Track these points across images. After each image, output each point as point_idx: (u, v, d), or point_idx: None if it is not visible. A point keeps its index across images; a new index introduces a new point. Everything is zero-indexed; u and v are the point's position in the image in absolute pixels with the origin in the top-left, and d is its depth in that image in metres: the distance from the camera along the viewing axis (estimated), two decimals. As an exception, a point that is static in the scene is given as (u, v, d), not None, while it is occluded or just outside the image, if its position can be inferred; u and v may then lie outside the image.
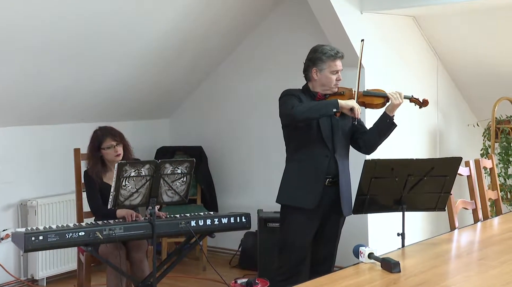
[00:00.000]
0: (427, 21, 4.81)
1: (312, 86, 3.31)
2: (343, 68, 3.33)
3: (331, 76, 3.25)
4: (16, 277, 4.51)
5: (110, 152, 3.68)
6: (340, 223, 3.35)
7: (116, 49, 4.35)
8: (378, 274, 2.42)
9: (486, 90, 5.02)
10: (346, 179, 3.30)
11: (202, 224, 3.53)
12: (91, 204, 3.70)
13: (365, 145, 3.34)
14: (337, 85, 3.29)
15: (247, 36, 5.13)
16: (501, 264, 2.56)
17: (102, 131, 3.74)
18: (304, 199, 3.22)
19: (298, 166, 3.29)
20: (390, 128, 3.30)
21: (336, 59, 3.26)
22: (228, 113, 5.36)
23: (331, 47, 3.30)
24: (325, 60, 3.25)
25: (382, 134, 3.31)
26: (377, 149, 3.38)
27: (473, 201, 3.59)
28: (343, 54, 3.31)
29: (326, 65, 3.25)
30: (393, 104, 3.22)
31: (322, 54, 3.26)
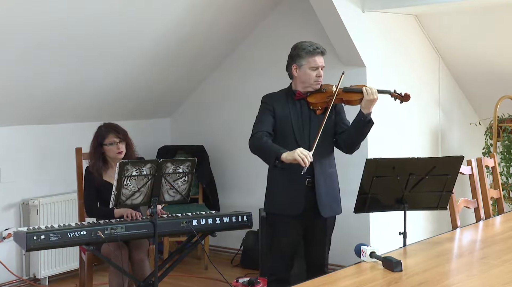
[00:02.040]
0: (429, 19, 4.80)
1: (294, 84, 3.28)
2: (345, 67, 3.32)
3: (310, 73, 3.19)
4: (18, 276, 4.52)
5: (112, 148, 3.67)
6: (327, 224, 3.26)
7: (117, 48, 4.35)
8: (379, 273, 2.42)
9: (488, 89, 5.01)
10: (326, 179, 3.21)
11: (204, 223, 3.53)
12: (86, 204, 3.70)
13: (344, 144, 3.25)
14: (318, 82, 3.22)
15: (248, 35, 5.12)
16: (503, 263, 2.56)
17: (106, 127, 3.73)
18: (287, 205, 3.19)
19: (277, 171, 3.22)
20: (367, 126, 3.18)
21: (314, 55, 3.19)
22: (230, 112, 5.35)
23: (311, 43, 3.24)
24: (304, 56, 3.20)
25: (360, 133, 3.21)
26: (357, 148, 3.27)
27: (475, 199, 3.58)
28: (324, 50, 3.24)
29: (305, 61, 3.20)
30: (365, 100, 3.12)
31: (301, 50, 3.21)
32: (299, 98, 3.24)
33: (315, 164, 3.15)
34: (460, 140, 5.24)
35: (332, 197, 3.25)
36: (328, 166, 3.24)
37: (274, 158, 3.05)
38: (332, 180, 3.27)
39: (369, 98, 3.10)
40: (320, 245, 3.29)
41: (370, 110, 3.15)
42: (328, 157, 3.25)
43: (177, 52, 4.76)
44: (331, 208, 3.23)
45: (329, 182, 3.24)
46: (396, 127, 4.72)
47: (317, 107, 3.20)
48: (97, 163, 3.67)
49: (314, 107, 3.21)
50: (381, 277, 2.38)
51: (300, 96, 3.24)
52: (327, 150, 3.25)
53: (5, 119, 4.38)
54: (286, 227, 3.24)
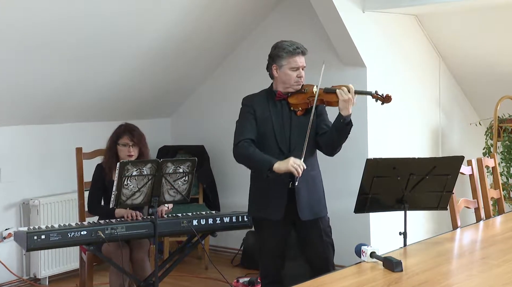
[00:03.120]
0: (429, 19, 4.80)
1: (274, 85, 3.22)
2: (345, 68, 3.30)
3: (290, 73, 3.14)
4: (19, 276, 4.52)
5: (124, 150, 3.67)
6: (314, 226, 3.18)
7: (117, 48, 4.35)
8: (380, 273, 2.42)
9: (489, 89, 5.01)
10: (308, 181, 3.13)
11: (204, 223, 3.54)
12: (90, 200, 3.70)
13: (325, 146, 3.17)
14: (298, 82, 3.16)
15: (249, 35, 5.12)
16: (503, 263, 2.56)
17: (125, 127, 3.74)
18: (269, 210, 3.15)
19: (258, 174, 3.18)
20: (346, 129, 3.07)
21: (295, 55, 3.13)
22: (230, 112, 5.32)
23: (291, 42, 3.18)
24: (284, 56, 3.14)
25: (339, 135, 3.09)
26: (339, 150, 3.18)
27: (475, 200, 3.58)
28: (305, 50, 3.16)
29: (285, 62, 3.14)
30: (340, 101, 3.03)
31: (281, 50, 3.15)
32: (279, 98, 3.19)
33: None
34: (460, 140, 5.24)
35: (315, 199, 3.16)
36: (309, 168, 3.13)
37: (267, 169, 3.01)
38: (314, 182, 3.19)
39: (343, 99, 3.02)
40: (314, 247, 3.21)
41: (349, 112, 3.04)
42: (309, 158, 3.15)
43: (178, 52, 4.76)
44: (311, 211, 3.14)
45: (311, 185, 3.16)
46: (396, 127, 4.72)
47: (298, 108, 3.15)
48: (110, 160, 3.67)
49: (294, 108, 3.16)
50: (381, 277, 2.38)
51: (281, 97, 3.18)
52: (309, 152, 3.16)
53: (5, 119, 4.38)
54: (270, 230, 3.18)
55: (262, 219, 3.21)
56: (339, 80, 3.52)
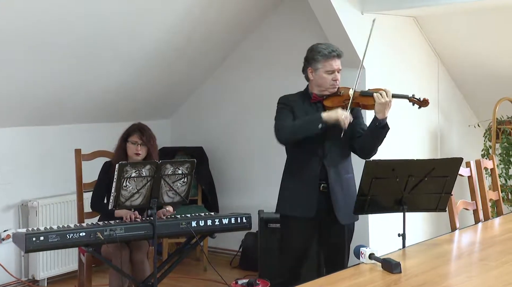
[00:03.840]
0: (428, 21, 4.81)
1: (310, 87, 3.25)
2: (344, 69, 3.29)
3: (326, 76, 3.16)
4: (17, 277, 4.51)
5: (132, 147, 3.67)
6: (345, 231, 3.22)
7: (116, 50, 4.35)
8: (379, 274, 2.42)
9: (487, 91, 5.01)
10: (343, 184, 3.16)
11: (203, 225, 3.53)
12: (93, 196, 3.70)
13: (360, 149, 3.20)
14: (334, 85, 3.17)
15: (248, 37, 5.13)
16: (502, 264, 2.56)
17: (137, 126, 3.75)
18: (300, 208, 3.17)
19: (291, 173, 3.25)
20: (381, 132, 3.10)
21: (330, 59, 3.15)
22: (229, 114, 5.36)
23: (327, 45, 3.20)
24: (319, 59, 3.16)
25: (375, 139, 3.14)
26: (374, 153, 3.19)
27: (474, 201, 3.58)
28: (341, 53, 3.18)
29: (321, 65, 3.16)
30: (377, 104, 3.05)
31: (317, 53, 3.17)
32: (315, 101, 3.21)
33: (329, 169, 3.13)
34: (459, 142, 5.25)
35: (350, 203, 3.15)
36: (344, 171, 3.17)
37: (318, 121, 3.02)
38: (348, 185, 3.20)
39: (380, 102, 3.04)
40: (339, 252, 3.23)
41: (385, 115, 3.06)
42: (343, 162, 3.19)
43: (177, 53, 4.77)
44: (349, 215, 3.15)
45: (345, 188, 3.17)
46: (395, 129, 4.70)
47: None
48: (119, 157, 3.66)
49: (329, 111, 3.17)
50: (380, 278, 2.38)
51: (316, 99, 3.20)
52: (343, 155, 3.19)
53: (4, 120, 4.38)
54: (298, 229, 3.21)
55: (291, 217, 3.21)
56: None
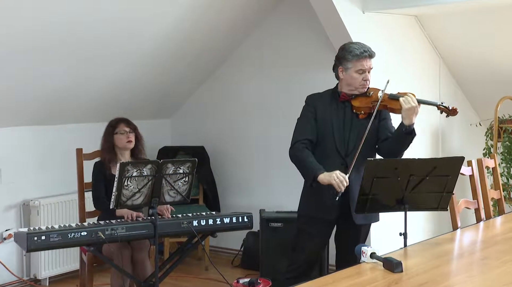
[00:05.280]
0: (430, 20, 4.80)
1: (340, 86, 3.23)
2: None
3: (356, 76, 3.15)
4: (19, 277, 4.52)
5: (122, 137, 3.72)
6: (361, 231, 3.24)
7: (117, 49, 4.35)
8: (380, 273, 2.42)
9: (489, 90, 5.01)
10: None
11: (204, 224, 3.53)
12: (94, 194, 3.72)
13: (385, 152, 3.19)
14: (364, 85, 3.16)
15: (248, 36, 5.12)
16: (503, 263, 2.56)
17: (118, 119, 3.84)
18: (320, 208, 3.19)
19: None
20: (407, 138, 3.08)
21: (361, 59, 3.14)
22: (230, 113, 5.36)
23: (359, 45, 3.18)
24: (350, 59, 3.15)
25: (400, 144, 3.12)
26: (400, 157, 3.17)
27: (476, 200, 3.58)
28: (372, 53, 3.16)
29: (351, 65, 3.15)
30: (403, 110, 3.03)
31: (348, 53, 3.16)
32: (343, 100, 3.20)
33: (351, 171, 3.10)
34: (460, 141, 5.24)
35: None
36: None
37: (312, 178, 3.05)
38: None
39: (406, 107, 3.02)
40: (349, 249, 3.17)
41: (412, 121, 3.04)
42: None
43: (178, 53, 4.77)
44: (365, 216, 3.17)
45: None
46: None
47: (361, 111, 3.16)
48: (108, 152, 3.71)
49: (357, 111, 3.16)
50: (381, 278, 2.38)
51: (345, 98, 3.20)
52: (367, 156, 3.14)
53: (5, 120, 4.38)
54: (318, 228, 3.22)
55: (311, 217, 3.23)
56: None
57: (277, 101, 5.03)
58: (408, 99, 3.05)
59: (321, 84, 3.44)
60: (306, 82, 4.75)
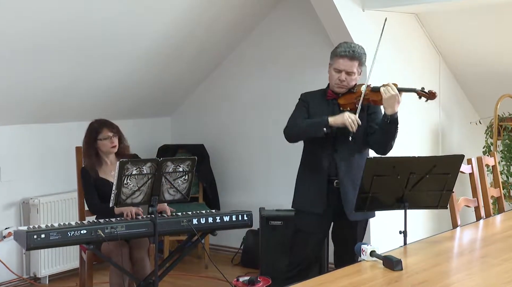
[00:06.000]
0: (429, 18, 4.80)
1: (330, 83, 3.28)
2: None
3: (333, 74, 3.19)
4: (19, 275, 4.52)
5: (106, 143, 3.70)
6: (356, 227, 3.25)
7: (117, 48, 4.34)
8: (380, 272, 2.42)
9: (489, 88, 5.01)
10: (355, 181, 3.15)
11: (204, 222, 3.53)
12: (88, 201, 3.71)
13: (375, 146, 3.22)
14: (339, 85, 3.18)
15: (249, 34, 5.12)
16: (503, 261, 2.56)
17: (99, 122, 3.77)
18: (310, 203, 3.22)
19: (304, 168, 3.30)
20: (391, 128, 3.11)
21: (339, 57, 3.16)
22: (230, 112, 5.35)
23: (348, 45, 3.19)
24: (332, 56, 3.21)
25: (386, 135, 3.15)
26: (390, 148, 3.21)
27: (475, 198, 3.58)
28: (356, 55, 3.15)
29: (332, 62, 3.21)
30: (384, 99, 3.04)
31: (334, 49, 3.22)
32: (331, 98, 3.23)
33: (340, 164, 3.15)
34: (460, 139, 5.24)
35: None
36: (357, 168, 3.16)
37: (323, 125, 3.04)
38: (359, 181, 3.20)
39: (386, 97, 3.04)
40: (349, 248, 3.19)
41: (395, 110, 3.06)
42: (357, 157, 3.20)
43: (178, 51, 4.76)
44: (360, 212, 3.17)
45: (357, 185, 3.12)
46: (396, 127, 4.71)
47: (347, 108, 3.17)
48: (91, 159, 3.68)
49: (343, 108, 3.18)
50: (381, 276, 2.38)
51: (332, 96, 3.22)
52: (357, 151, 3.20)
53: (5, 118, 4.38)
54: (310, 224, 3.25)
55: (304, 211, 3.26)
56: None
57: (277, 99, 5.03)
58: (388, 88, 3.06)
59: (321, 83, 3.44)
60: (306, 81, 4.74)
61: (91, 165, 3.68)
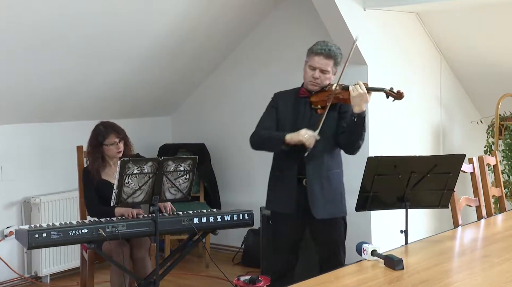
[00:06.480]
0: (431, 17, 4.79)
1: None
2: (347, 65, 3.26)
3: (307, 71, 3.18)
4: (20, 274, 4.52)
5: (113, 148, 3.68)
6: (329, 225, 3.20)
7: (118, 47, 4.35)
8: (381, 271, 2.42)
9: (490, 87, 5.00)
10: (323, 180, 3.15)
11: (205, 221, 3.53)
12: (87, 203, 3.70)
13: (343, 145, 3.19)
14: (312, 82, 3.16)
15: (249, 33, 5.12)
16: (504, 261, 2.56)
17: (106, 127, 3.73)
18: (280, 203, 3.22)
19: (274, 169, 3.29)
20: (358, 127, 3.06)
21: (314, 55, 3.14)
22: (231, 111, 5.35)
23: (323, 44, 3.17)
24: (308, 53, 3.20)
25: (353, 134, 3.10)
26: (357, 148, 3.17)
27: (477, 198, 3.58)
28: (331, 54, 3.13)
29: (308, 59, 3.19)
30: (353, 97, 3.01)
31: (310, 47, 3.20)
32: (303, 95, 3.22)
33: (308, 164, 3.14)
34: (461, 138, 5.24)
35: (330, 199, 3.17)
36: (326, 167, 3.16)
37: (281, 142, 3.06)
38: (331, 182, 3.19)
39: (354, 95, 3.02)
40: (326, 246, 3.24)
41: (362, 109, 3.03)
42: (327, 157, 3.18)
43: (178, 50, 4.76)
44: (325, 210, 3.16)
45: (327, 184, 3.17)
46: (398, 125, 4.71)
47: (317, 106, 3.17)
48: (96, 162, 3.67)
49: (314, 106, 3.18)
50: (382, 275, 2.38)
51: (305, 94, 3.22)
52: (326, 151, 3.18)
53: (6, 118, 4.38)
54: (283, 225, 3.24)
55: (277, 213, 3.27)
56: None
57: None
58: (357, 87, 3.04)
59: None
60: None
61: (96, 168, 3.66)
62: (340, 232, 3.27)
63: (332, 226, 3.24)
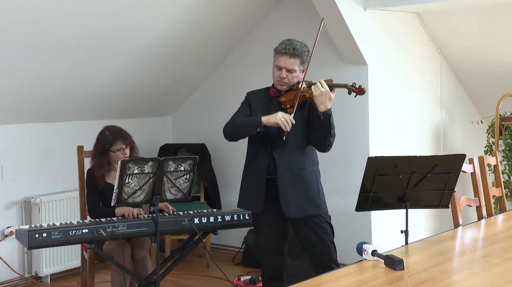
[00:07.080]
0: (431, 18, 4.79)
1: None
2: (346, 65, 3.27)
3: (274, 71, 3.17)
4: (20, 274, 4.52)
5: (119, 154, 3.63)
6: (308, 224, 3.15)
7: (118, 47, 4.35)
8: (381, 271, 2.42)
9: (490, 87, 5.00)
10: (296, 179, 3.11)
11: (206, 221, 3.54)
12: (89, 207, 3.68)
13: (314, 143, 3.16)
14: (279, 82, 3.14)
15: (250, 33, 5.12)
16: (505, 261, 2.56)
17: (112, 133, 3.66)
18: (250, 202, 3.21)
19: (246, 168, 3.27)
20: (325, 126, 3.03)
21: (279, 55, 3.12)
22: (231, 111, 5.29)
23: (289, 42, 3.14)
24: (274, 53, 3.18)
25: (321, 133, 3.07)
26: (328, 146, 3.14)
27: (477, 198, 3.58)
28: (296, 53, 3.09)
29: (274, 58, 3.17)
30: (315, 96, 3.00)
31: (276, 46, 3.18)
32: (273, 95, 3.21)
33: (278, 162, 3.12)
34: (462, 138, 5.24)
35: (303, 197, 3.13)
36: (298, 165, 3.13)
37: (256, 124, 3.04)
38: (304, 180, 3.14)
39: (317, 94, 3.00)
40: (312, 245, 3.19)
41: (327, 107, 3.00)
42: (299, 155, 3.14)
43: (179, 50, 4.76)
44: (298, 209, 3.12)
45: (299, 182, 3.13)
46: (398, 125, 4.71)
47: (287, 105, 3.15)
48: (102, 167, 3.63)
49: (284, 106, 3.15)
50: (382, 275, 2.38)
51: (275, 94, 3.20)
52: (298, 148, 3.14)
53: (7, 118, 4.39)
54: (267, 226, 3.22)
55: (255, 213, 3.25)
56: (340, 78, 3.53)
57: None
58: (318, 85, 3.02)
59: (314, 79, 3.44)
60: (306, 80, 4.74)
61: (102, 172, 3.63)
62: (323, 228, 3.19)
63: (309, 224, 3.16)
